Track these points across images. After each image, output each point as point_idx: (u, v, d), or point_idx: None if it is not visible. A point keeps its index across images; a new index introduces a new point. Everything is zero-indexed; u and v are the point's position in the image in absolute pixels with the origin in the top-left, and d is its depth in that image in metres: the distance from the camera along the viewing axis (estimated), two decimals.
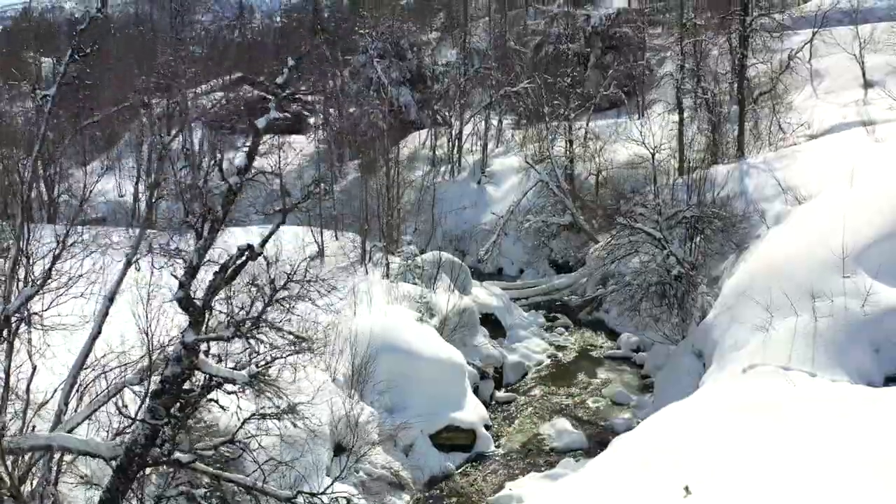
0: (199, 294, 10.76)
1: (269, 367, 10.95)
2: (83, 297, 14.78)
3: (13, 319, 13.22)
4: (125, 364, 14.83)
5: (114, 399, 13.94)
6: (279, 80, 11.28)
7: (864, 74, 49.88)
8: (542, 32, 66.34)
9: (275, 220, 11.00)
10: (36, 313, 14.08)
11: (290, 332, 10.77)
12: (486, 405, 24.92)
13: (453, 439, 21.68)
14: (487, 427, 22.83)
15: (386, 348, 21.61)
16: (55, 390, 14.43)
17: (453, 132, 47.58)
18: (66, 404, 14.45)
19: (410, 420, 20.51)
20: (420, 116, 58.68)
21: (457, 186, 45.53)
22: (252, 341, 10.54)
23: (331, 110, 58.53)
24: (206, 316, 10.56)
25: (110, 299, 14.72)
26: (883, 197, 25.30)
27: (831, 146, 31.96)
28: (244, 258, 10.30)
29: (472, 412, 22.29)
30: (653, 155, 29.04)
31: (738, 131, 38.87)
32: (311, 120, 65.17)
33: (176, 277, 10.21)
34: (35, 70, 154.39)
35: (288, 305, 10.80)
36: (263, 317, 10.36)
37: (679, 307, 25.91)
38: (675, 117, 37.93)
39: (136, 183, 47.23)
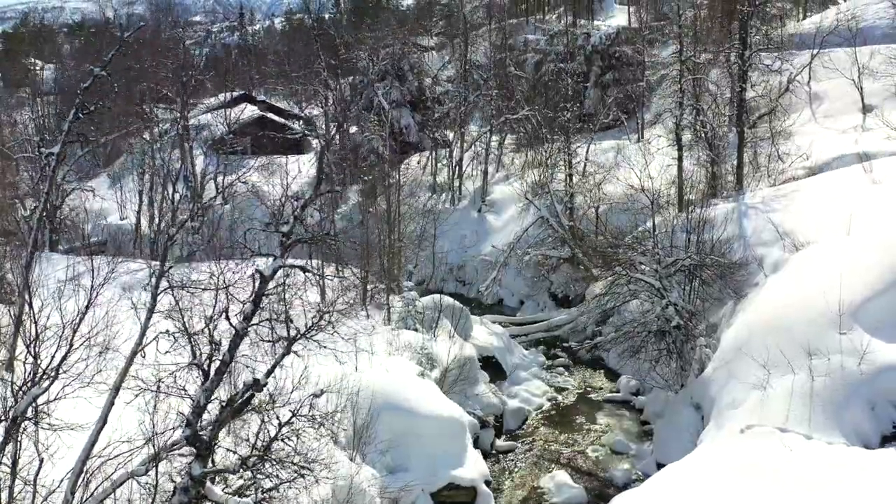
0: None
1: (273, 491, 11.17)
2: (91, 386, 15.01)
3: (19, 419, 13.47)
4: (131, 451, 15.05)
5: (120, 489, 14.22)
6: (284, 228, 11.43)
7: (862, 99, 50.15)
8: (542, 51, 66.52)
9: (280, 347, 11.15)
10: (42, 409, 14.28)
11: (294, 463, 10.97)
12: (487, 455, 25.15)
13: (454, 497, 21.83)
14: (488, 483, 23.02)
15: (388, 407, 21.78)
16: (62, 480, 14.66)
17: (454, 160, 47.72)
18: (73, 494, 14.69)
19: (412, 481, 20.72)
20: (420, 138, 58.92)
21: (457, 215, 45.75)
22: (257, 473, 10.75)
23: (332, 126, 58.34)
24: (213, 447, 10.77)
25: (116, 390, 14.96)
26: (880, 248, 25.51)
27: (829, 186, 32.13)
28: (250, 392, 10.52)
29: (472, 469, 22.48)
30: (652, 203, 29.18)
31: (737, 164, 39.09)
32: (312, 138, 65.27)
33: (182, 414, 10.42)
34: (35, 79, 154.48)
35: (294, 442, 11.00)
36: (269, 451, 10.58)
37: (678, 356, 26.12)
38: (675, 153, 38.05)
39: (139, 212, 47.23)
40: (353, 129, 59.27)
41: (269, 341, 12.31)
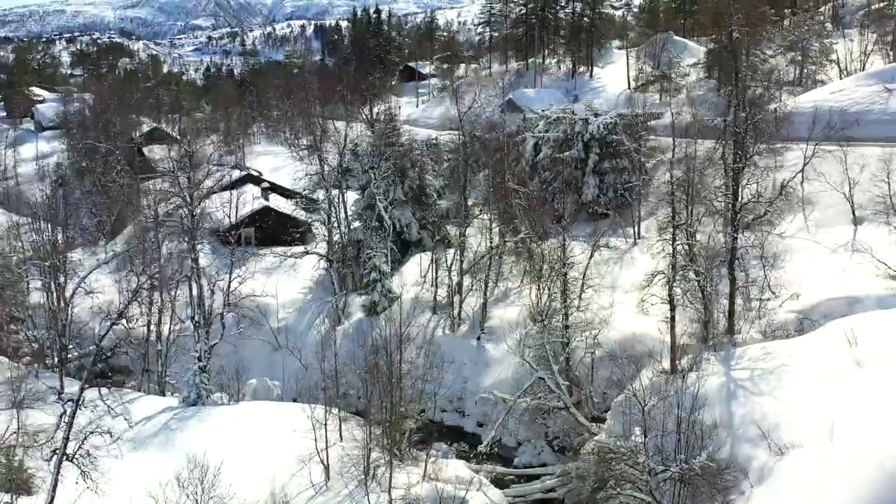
0: None
1: None
2: None
3: None
4: None
5: None
6: None
7: (853, 211, 51.39)
8: (539, 137, 67.66)
9: None
10: None
11: None
12: None
13: None
14: None
15: None
16: None
17: (453, 282, 48.88)
18: None
19: None
20: (422, 236, 60.06)
21: (457, 342, 46.87)
22: None
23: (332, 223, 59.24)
24: None
25: None
26: (862, 462, 26.67)
27: (815, 365, 33.09)
28: None
29: None
30: (643, 407, 30.31)
31: (728, 311, 40.35)
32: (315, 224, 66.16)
33: None
34: (37, 116, 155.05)
35: None
36: None
37: None
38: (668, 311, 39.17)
39: (148, 329, 48.20)
40: (356, 224, 60.44)
41: None
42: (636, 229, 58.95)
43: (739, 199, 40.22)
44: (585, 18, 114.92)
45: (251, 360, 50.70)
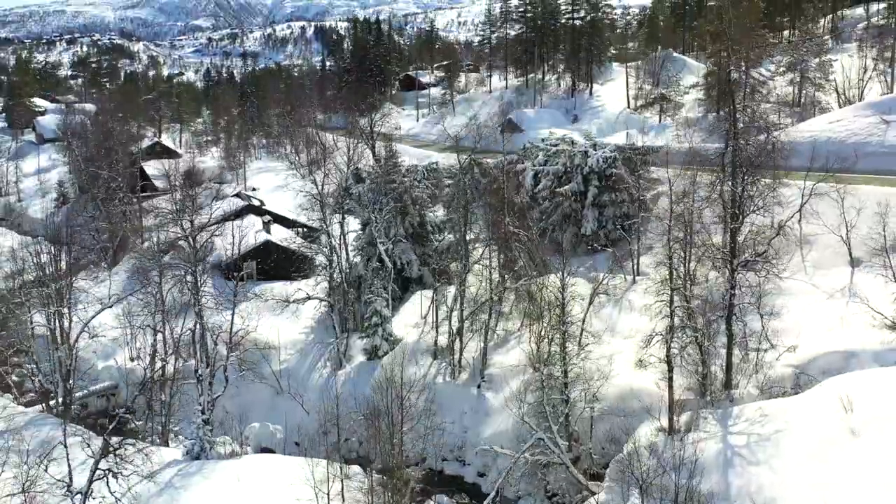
0: None
1: None
2: None
3: None
4: None
5: None
6: None
7: (850, 252, 51.70)
8: (539, 170, 68.06)
9: None
10: None
11: None
12: None
13: None
14: None
15: None
16: None
17: (453, 329, 49.28)
18: None
19: None
20: (423, 272, 60.48)
21: (457, 390, 47.28)
22: None
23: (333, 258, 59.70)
24: None
25: None
26: None
27: (809, 432, 33.52)
28: None
29: None
30: (641, 485, 30.79)
31: (725, 365, 40.83)
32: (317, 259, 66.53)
33: None
34: (38, 128, 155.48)
35: None
36: None
37: None
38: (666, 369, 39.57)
39: (153, 377, 48.63)
40: (357, 259, 60.86)
41: None
42: (635, 264, 59.26)
43: (737, 256, 40.65)
44: (584, 29, 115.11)
45: (253, 404, 51.17)
